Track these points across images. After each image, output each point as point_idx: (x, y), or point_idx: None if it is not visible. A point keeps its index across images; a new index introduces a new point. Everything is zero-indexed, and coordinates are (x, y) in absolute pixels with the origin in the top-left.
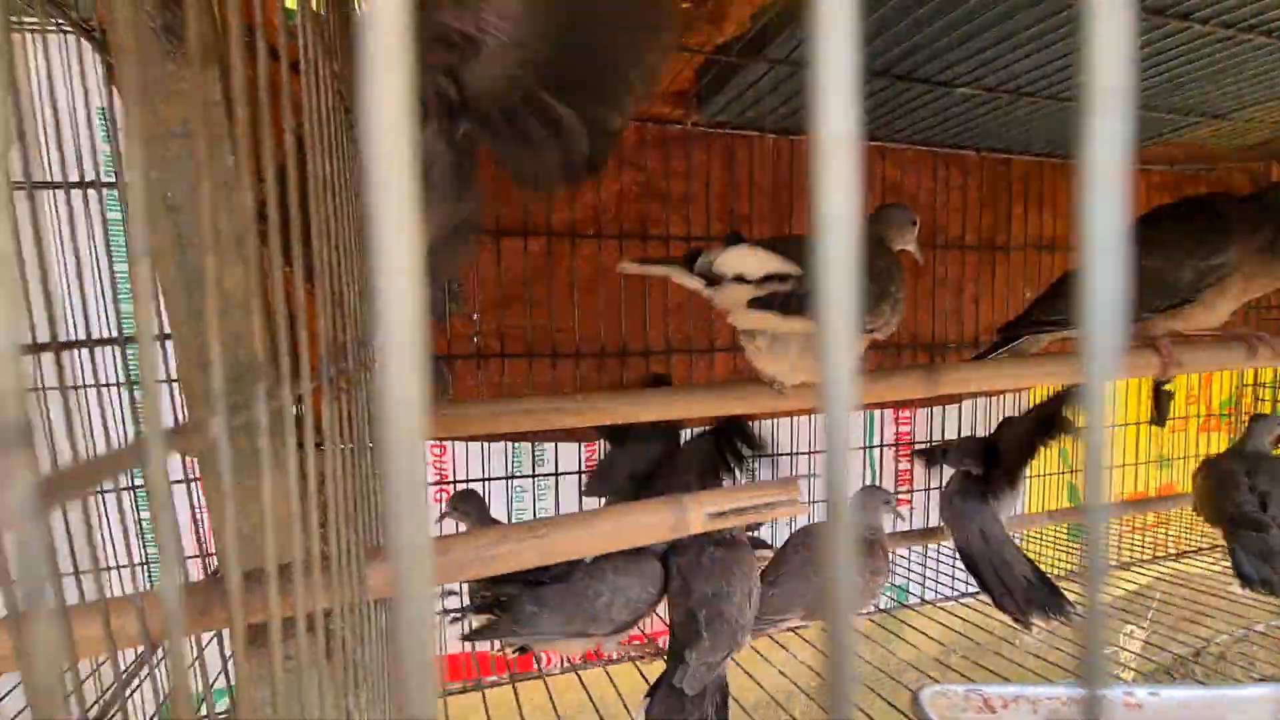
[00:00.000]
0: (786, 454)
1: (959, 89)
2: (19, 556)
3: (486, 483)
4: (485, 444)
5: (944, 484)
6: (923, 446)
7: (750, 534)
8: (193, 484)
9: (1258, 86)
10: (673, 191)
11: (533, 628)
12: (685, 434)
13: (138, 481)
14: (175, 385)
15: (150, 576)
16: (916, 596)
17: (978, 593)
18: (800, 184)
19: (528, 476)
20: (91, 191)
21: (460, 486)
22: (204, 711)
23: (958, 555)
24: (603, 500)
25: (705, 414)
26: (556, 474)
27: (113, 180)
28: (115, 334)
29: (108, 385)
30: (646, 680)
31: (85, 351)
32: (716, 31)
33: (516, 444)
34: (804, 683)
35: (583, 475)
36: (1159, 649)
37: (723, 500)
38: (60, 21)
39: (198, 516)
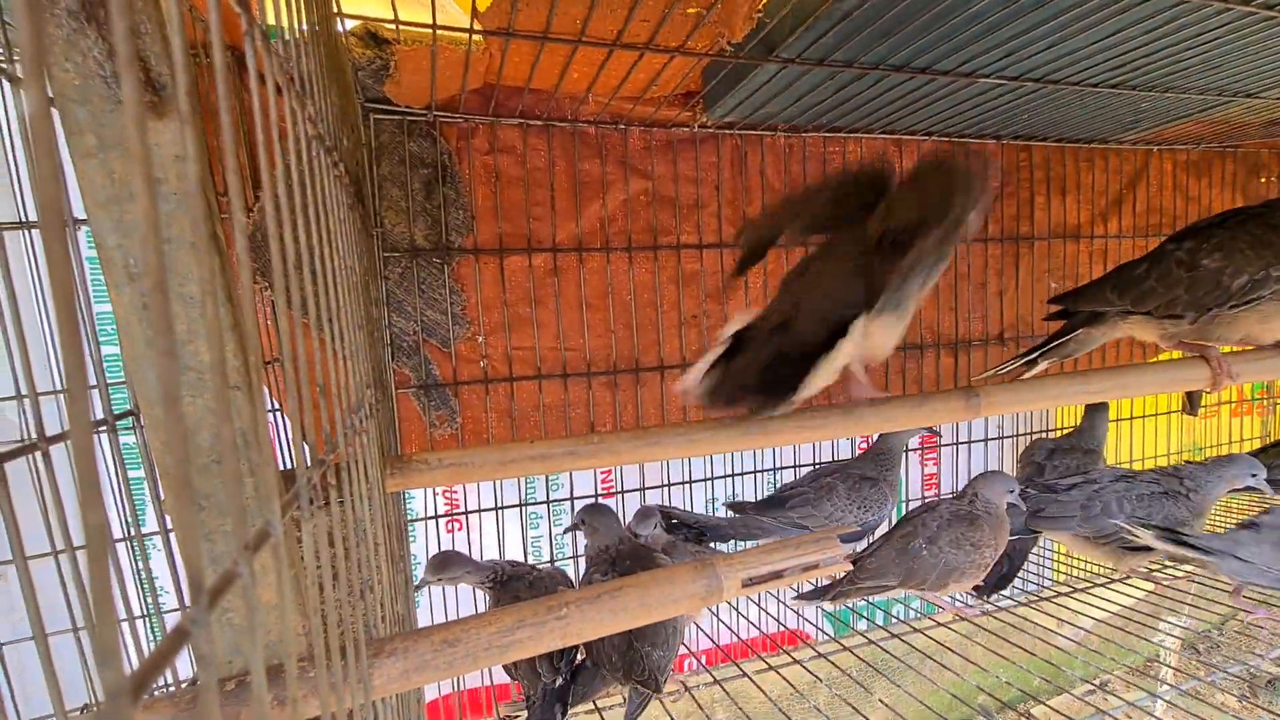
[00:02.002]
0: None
1: (981, 80)
2: None
3: (500, 511)
4: None
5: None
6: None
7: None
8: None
9: None
10: (682, 197)
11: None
12: None
13: (133, 532)
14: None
15: (151, 628)
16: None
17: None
18: (814, 181)
19: (542, 503)
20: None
21: (472, 517)
22: None
23: None
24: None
25: (732, 449)
26: (572, 498)
27: (85, 217)
28: (93, 381)
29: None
30: None
31: (62, 399)
32: (727, 32)
33: None
34: (805, 688)
35: (599, 499)
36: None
37: (758, 562)
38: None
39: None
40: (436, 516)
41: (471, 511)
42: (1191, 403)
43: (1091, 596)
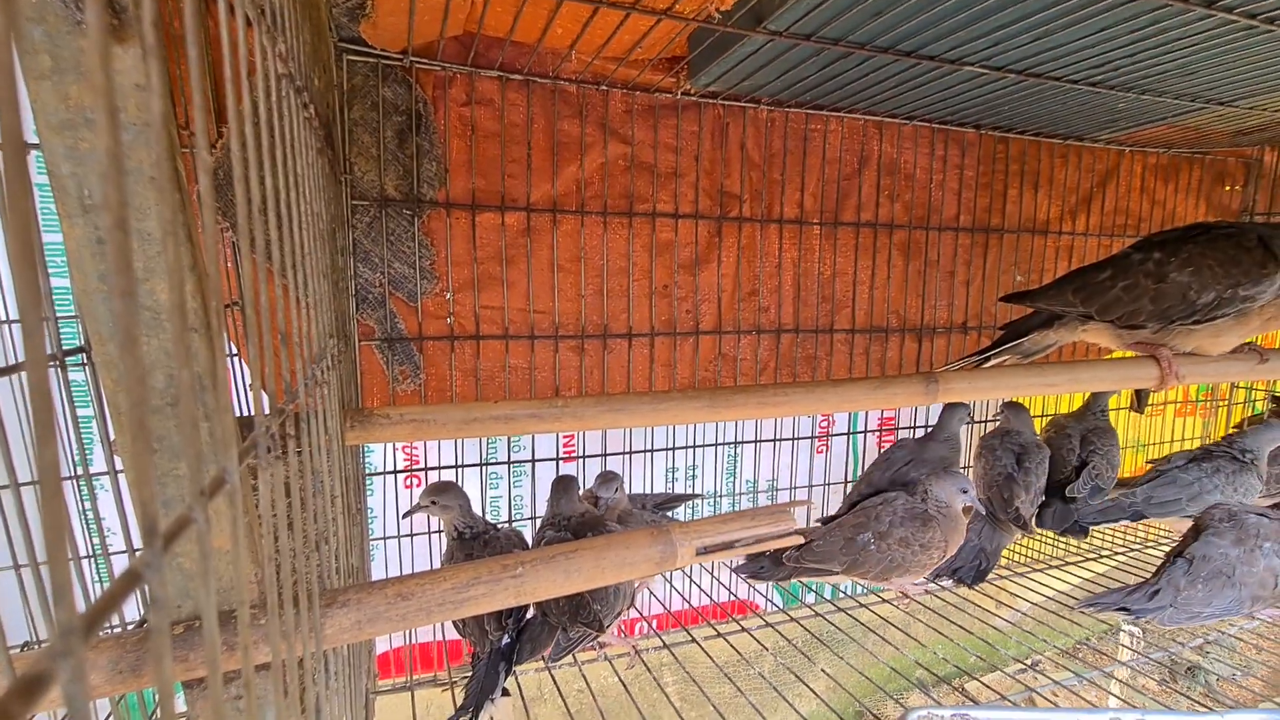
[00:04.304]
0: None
1: (966, 67)
2: None
3: (460, 469)
4: None
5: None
6: None
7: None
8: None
9: (1270, 76)
10: (660, 165)
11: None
12: None
13: (80, 471)
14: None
15: (97, 568)
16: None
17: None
18: (794, 158)
19: (503, 463)
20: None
21: (432, 474)
22: None
23: None
24: None
25: (696, 421)
26: (533, 460)
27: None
28: (44, 312)
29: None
30: (587, 680)
31: (10, 329)
32: None
33: None
34: (752, 656)
35: (559, 463)
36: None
37: (713, 531)
38: None
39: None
40: (395, 471)
41: (431, 468)
42: (1139, 401)
43: (1030, 581)
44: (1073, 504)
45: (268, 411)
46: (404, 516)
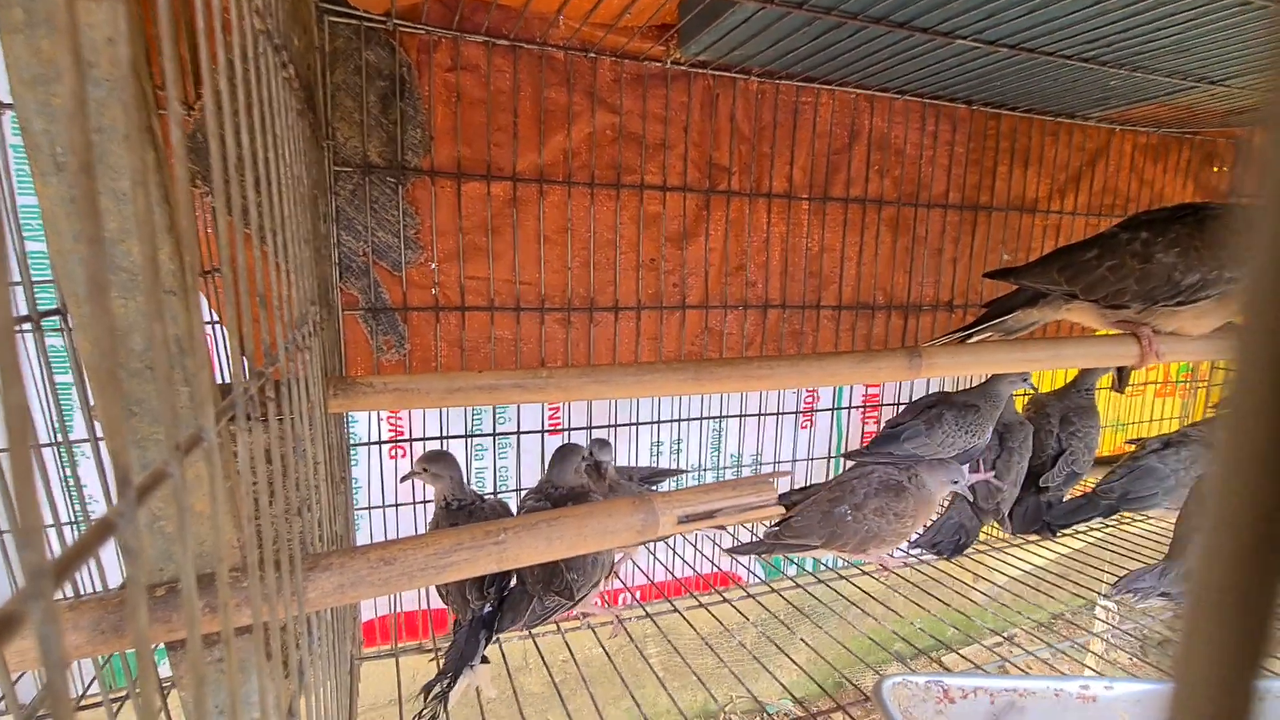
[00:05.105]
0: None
1: (959, 40)
2: None
3: (445, 441)
4: None
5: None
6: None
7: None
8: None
9: (1263, 54)
10: (649, 135)
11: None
12: None
13: (60, 438)
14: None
15: (79, 534)
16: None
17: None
18: (784, 131)
19: (488, 435)
20: None
21: (418, 445)
22: None
23: None
24: None
25: (680, 393)
26: (519, 432)
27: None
28: (17, 277)
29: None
30: (571, 649)
31: None
32: None
33: None
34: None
35: (545, 435)
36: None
37: (695, 500)
38: None
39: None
40: (380, 442)
41: (416, 439)
42: (1120, 380)
43: (1007, 555)
44: (1045, 492)
45: (247, 376)
46: (402, 480)
